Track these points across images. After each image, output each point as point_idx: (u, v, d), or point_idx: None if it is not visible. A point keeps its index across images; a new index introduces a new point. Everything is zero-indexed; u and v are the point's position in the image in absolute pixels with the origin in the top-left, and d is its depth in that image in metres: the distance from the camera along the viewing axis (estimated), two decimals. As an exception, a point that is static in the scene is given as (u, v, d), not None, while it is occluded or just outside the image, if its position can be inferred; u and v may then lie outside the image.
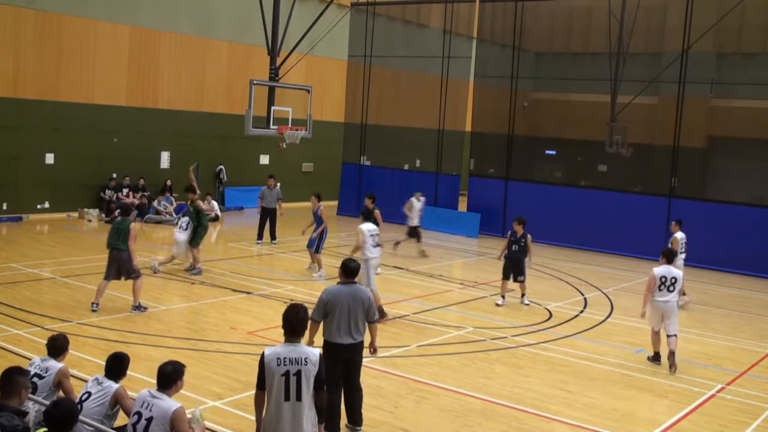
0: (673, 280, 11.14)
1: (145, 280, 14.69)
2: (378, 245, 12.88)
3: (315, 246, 16.36)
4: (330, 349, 7.74)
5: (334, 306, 7.69)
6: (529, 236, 14.85)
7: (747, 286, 18.71)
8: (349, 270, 7.90)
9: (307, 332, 6.47)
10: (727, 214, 20.43)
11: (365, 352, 8.14)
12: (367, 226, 12.87)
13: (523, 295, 15.04)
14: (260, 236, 20.08)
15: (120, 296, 13.31)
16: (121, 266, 12.34)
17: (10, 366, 6.10)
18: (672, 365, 10.95)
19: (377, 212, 15.61)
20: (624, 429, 8.81)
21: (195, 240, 15.97)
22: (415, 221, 20.05)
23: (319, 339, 7.82)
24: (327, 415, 7.19)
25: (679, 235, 15.30)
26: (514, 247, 14.83)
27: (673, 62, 21.81)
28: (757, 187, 23.40)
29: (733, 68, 28.49)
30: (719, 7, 23.68)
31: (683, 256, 15.22)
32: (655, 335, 11.40)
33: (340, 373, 7.84)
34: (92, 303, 12.37)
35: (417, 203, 20.24)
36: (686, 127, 21.58)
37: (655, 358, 11.44)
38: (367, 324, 7.93)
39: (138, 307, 12.47)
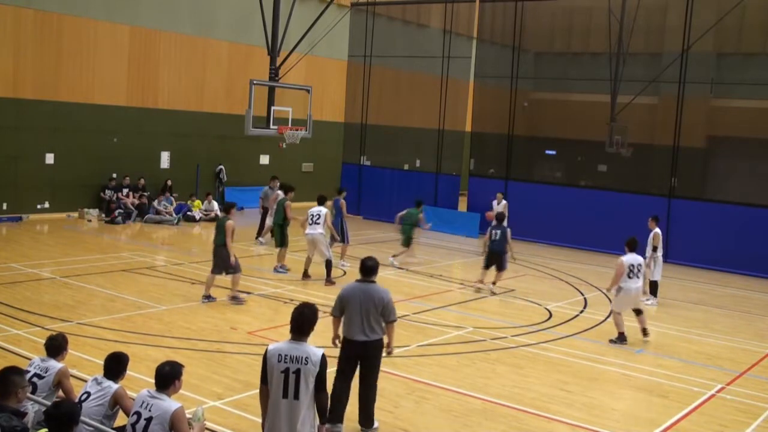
0: (639, 267, 12.45)
1: (145, 280, 14.76)
2: (316, 223, 15.44)
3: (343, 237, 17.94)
4: (344, 343, 8.08)
5: (348, 303, 7.93)
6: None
7: (747, 286, 18.70)
8: (366, 268, 8.08)
9: (331, 327, 8.01)
10: (727, 214, 20.43)
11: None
12: (311, 209, 15.72)
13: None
14: (260, 234, 20.31)
15: (119, 296, 13.32)
16: (219, 262, 13.37)
17: (6, 366, 6.09)
18: (647, 334, 12.55)
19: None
20: (624, 429, 8.81)
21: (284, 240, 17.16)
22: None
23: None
24: (331, 405, 7.52)
25: (659, 230, 15.51)
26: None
27: (673, 62, 21.81)
28: (757, 187, 23.38)
29: (733, 68, 28.46)
30: (719, 7, 23.66)
31: (661, 252, 15.59)
32: (620, 317, 12.42)
33: (351, 368, 8.06)
34: (203, 296, 13.37)
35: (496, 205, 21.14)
36: (686, 127, 21.57)
37: (621, 338, 12.30)
38: (384, 324, 8.01)
39: (234, 299, 13.32)
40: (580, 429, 8.69)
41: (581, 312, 14.58)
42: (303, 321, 5.97)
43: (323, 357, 5.93)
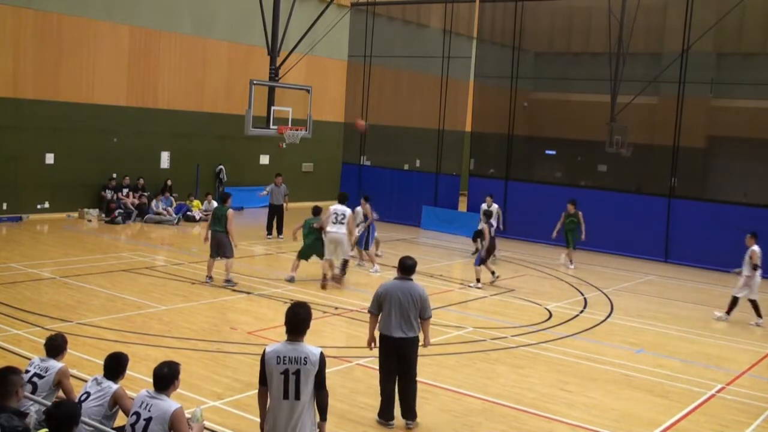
0: None
1: (145, 280, 14.77)
2: (340, 223, 15.02)
3: (364, 243, 17.43)
4: (382, 341, 8.30)
5: (386, 299, 8.20)
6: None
7: (747, 286, 18.67)
8: (405, 267, 8.38)
9: (369, 324, 8.45)
10: (727, 214, 20.42)
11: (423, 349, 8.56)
12: (335, 207, 15.27)
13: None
14: (270, 231, 20.99)
15: (119, 296, 13.32)
16: (218, 246, 14.51)
17: (3, 366, 6.09)
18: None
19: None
20: (624, 429, 8.81)
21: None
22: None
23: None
24: (382, 404, 8.38)
25: (757, 248, 14.38)
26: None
27: (673, 62, 21.81)
28: (757, 187, 23.39)
29: (733, 68, 28.48)
30: (719, 7, 23.67)
31: (760, 270, 14.41)
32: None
33: (393, 365, 8.29)
34: (206, 276, 14.72)
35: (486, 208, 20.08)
36: (686, 127, 21.57)
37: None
38: (420, 321, 8.32)
39: (228, 281, 14.52)
40: (580, 429, 8.69)
41: (581, 312, 14.58)
42: (298, 321, 5.95)
43: (322, 356, 5.93)
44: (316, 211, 15.97)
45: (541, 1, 27.09)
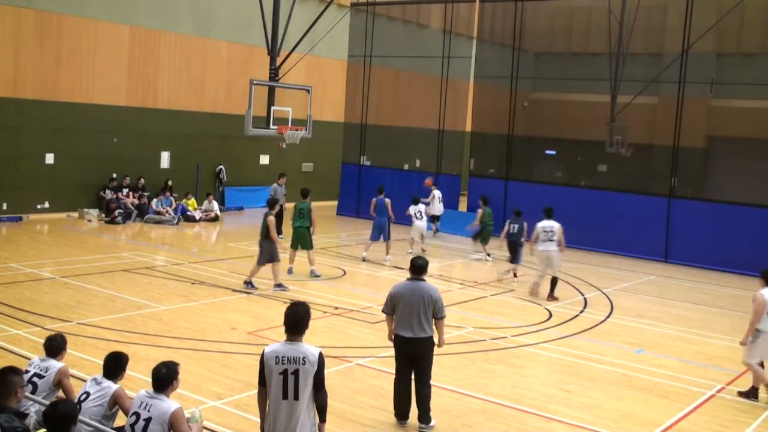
0: None
1: (145, 280, 14.76)
2: (550, 240, 15.34)
3: (387, 234, 18.63)
4: (395, 340, 8.42)
5: (399, 300, 8.30)
6: None
7: (747, 286, 18.65)
8: (416, 267, 8.44)
9: (388, 325, 8.52)
10: (727, 214, 20.42)
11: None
12: (543, 223, 15.60)
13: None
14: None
15: (119, 296, 13.32)
16: (261, 253, 14.49)
17: (3, 366, 6.09)
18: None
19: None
20: (624, 429, 8.81)
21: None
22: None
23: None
24: (394, 404, 8.46)
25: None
26: None
27: (673, 62, 21.81)
28: (757, 187, 23.38)
29: (733, 68, 28.49)
30: (719, 7, 23.68)
31: None
32: (757, 367, 9.92)
33: (404, 365, 8.38)
34: (245, 282, 14.57)
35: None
36: (686, 127, 21.56)
37: (752, 393, 10.03)
38: (434, 321, 8.34)
39: (279, 286, 14.49)
40: (580, 429, 8.68)
41: (581, 312, 14.58)
42: (296, 320, 5.96)
43: (321, 356, 5.93)
44: (304, 193, 16.27)
45: (541, 1, 27.09)
